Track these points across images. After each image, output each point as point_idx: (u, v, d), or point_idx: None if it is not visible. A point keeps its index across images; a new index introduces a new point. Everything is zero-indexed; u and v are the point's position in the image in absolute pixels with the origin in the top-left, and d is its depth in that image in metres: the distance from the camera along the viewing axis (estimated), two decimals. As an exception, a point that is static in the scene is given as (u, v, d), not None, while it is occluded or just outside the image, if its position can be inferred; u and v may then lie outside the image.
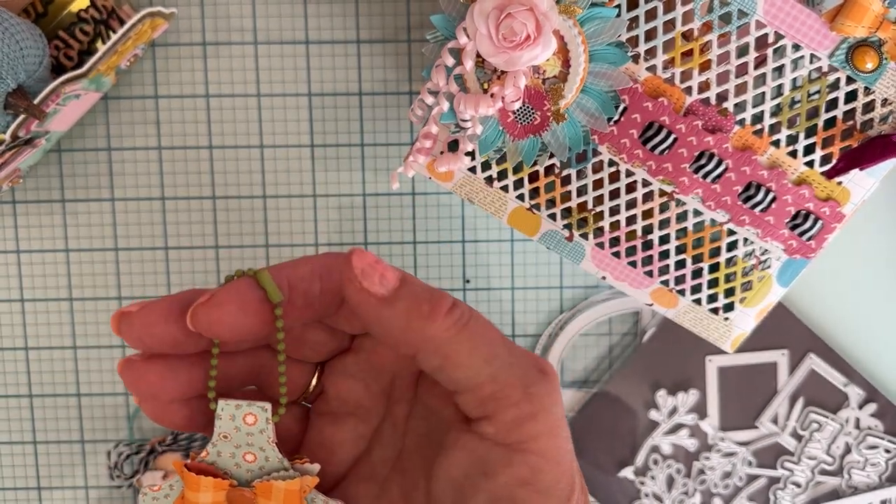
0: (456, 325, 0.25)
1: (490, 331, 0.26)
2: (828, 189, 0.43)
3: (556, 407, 0.26)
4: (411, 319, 0.25)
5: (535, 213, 0.45)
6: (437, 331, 0.25)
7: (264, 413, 0.26)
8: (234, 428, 0.27)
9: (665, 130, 0.42)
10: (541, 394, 0.25)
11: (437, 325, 0.25)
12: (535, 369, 0.25)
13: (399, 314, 0.25)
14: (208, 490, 0.27)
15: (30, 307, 0.54)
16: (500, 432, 0.25)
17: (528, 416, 0.25)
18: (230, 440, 0.27)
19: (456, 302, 0.25)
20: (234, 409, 0.26)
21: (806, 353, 0.54)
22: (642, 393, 0.54)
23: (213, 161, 0.53)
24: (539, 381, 0.25)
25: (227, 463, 0.27)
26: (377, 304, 0.25)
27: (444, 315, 0.25)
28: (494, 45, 0.39)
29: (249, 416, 0.27)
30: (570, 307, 0.55)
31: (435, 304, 0.25)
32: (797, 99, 0.42)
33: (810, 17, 0.40)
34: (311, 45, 0.52)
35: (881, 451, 0.55)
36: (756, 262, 0.45)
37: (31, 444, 0.56)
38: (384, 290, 0.25)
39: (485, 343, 0.25)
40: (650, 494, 0.55)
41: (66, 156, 0.53)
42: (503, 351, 0.25)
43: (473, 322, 0.25)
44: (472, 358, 0.25)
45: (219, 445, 0.27)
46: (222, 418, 0.27)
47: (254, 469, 0.27)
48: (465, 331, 0.25)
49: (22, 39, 0.44)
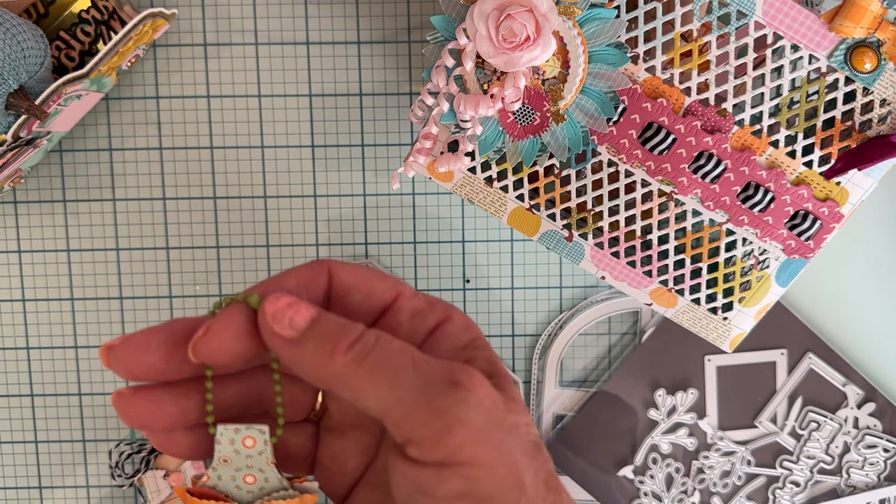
0: (356, 359, 0.26)
1: (394, 356, 0.26)
2: (826, 189, 0.43)
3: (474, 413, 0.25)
4: (317, 358, 0.26)
5: (534, 214, 0.45)
6: (339, 367, 0.26)
7: (262, 435, 0.27)
8: (233, 451, 0.27)
9: (664, 131, 0.42)
10: (448, 406, 0.25)
11: (338, 362, 0.26)
12: (443, 382, 0.25)
13: (307, 354, 0.26)
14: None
15: (31, 307, 0.54)
16: (424, 453, 0.25)
17: (442, 431, 0.25)
18: (230, 464, 0.28)
19: (361, 335, 0.26)
20: (232, 434, 0.27)
21: (805, 352, 0.54)
22: (641, 392, 0.54)
23: (214, 161, 0.53)
24: (446, 393, 0.25)
25: (227, 486, 0.28)
26: (287, 346, 0.26)
27: (343, 351, 0.26)
28: (494, 46, 0.39)
29: (248, 438, 0.27)
30: (570, 307, 0.55)
31: (337, 341, 0.26)
32: (796, 99, 0.42)
33: (809, 18, 0.40)
34: (311, 46, 0.52)
35: (880, 451, 0.55)
36: (755, 262, 0.45)
37: (33, 443, 0.56)
38: (293, 332, 0.26)
39: (387, 370, 0.26)
40: (649, 493, 0.55)
41: (67, 156, 0.53)
42: (408, 373, 0.26)
43: (376, 351, 0.26)
44: (376, 387, 0.25)
45: (219, 469, 0.28)
46: (221, 442, 0.27)
47: (254, 490, 0.28)
48: (366, 362, 0.26)
49: (23, 40, 0.44)
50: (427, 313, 0.29)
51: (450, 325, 0.29)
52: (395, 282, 0.29)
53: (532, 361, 0.55)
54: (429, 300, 0.29)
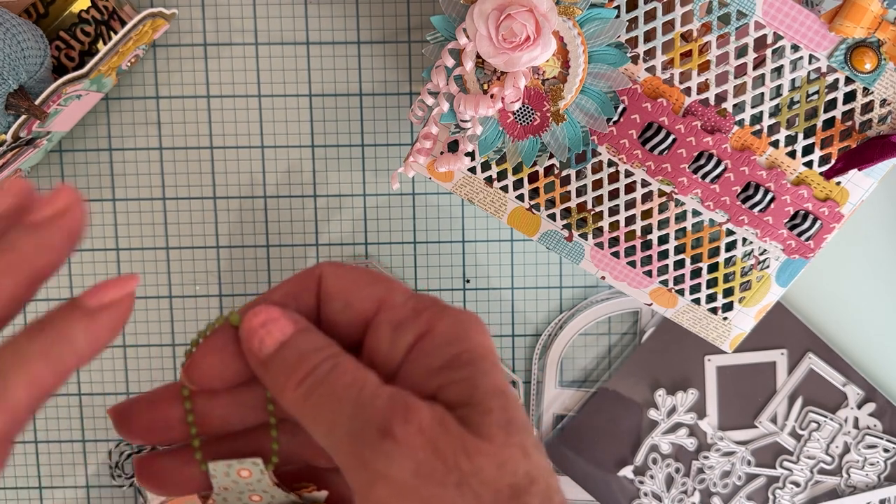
0: (304, 395, 0.25)
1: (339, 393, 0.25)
2: (826, 189, 0.43)
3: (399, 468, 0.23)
4: (275, 387, 0.25)
5: (534, 214, 0.45)
6: (288, 401, 0.25)
7: (257, 466, 0.26)
8: (231, 482, 0.27)
9: (664, 131, 0.42)
10: (372, 459, 0.23)
11: (288, 396, 0.25)
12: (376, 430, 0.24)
13: (270, 379, 0.25)
14: None
15: (31, 307, 0.54)
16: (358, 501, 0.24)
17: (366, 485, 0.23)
18: (231, 491, 0.27)
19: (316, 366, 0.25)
20: (225, 468, 0.27)
21: (805, 352, 0.54)
22: (641, 392, 0.54)
23: (214, 161, 0.53)
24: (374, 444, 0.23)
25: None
26: (256, 366, 0.26)
27: (294, 386, 0.25)
28: (494, 46, 0.39)
29: (243, 471, 0.27)
30: (570, 307, 0.55)
31: (291, 372, 0.25)
32: (796, 99, 0.42)
33: (809, 18, 0.40)
34: (311, 46, 0.52)
35: (880, 451, 0.55)
36: (755, 262, 0.45)
37: (33, 443, 0.56)
38: (260, 354, 0.25)
39: (328, 410, 0.24)
40: (649, 493, 0.55)
41: (67, 156, 0.53)
42: (345, 417, 0.24)
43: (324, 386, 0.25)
44: (318, 427, 0.25)
45: (223, 494, 0.27)
46: (217, 476, 0.27)
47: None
48: (312, 398, 0.25)
49: (23, 40, 0.44)
50: (407, 326, 0.26)
51: (428, 341, 0.26)
52: (385, 288, 0.27)
53: (532, 361, 0.55)
54: (416, 307, 0.26)
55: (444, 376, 0.25)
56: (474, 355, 0.25)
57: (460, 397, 0.24)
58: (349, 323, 0.27)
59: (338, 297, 0.27)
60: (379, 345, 0.26)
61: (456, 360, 0.25)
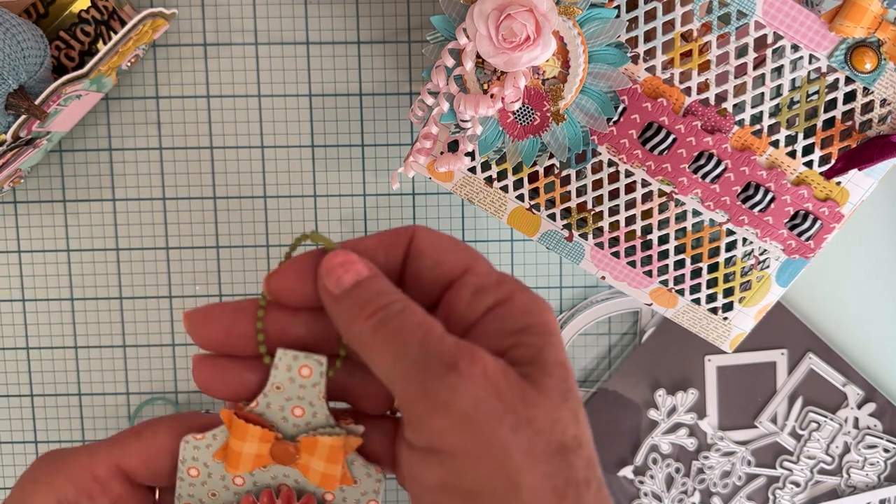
0: (375, 326, 0.26)
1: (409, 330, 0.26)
2: (827, 189, 0.43)
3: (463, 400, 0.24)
4: (346, 319, 0.27)
5: (534, 214, 0.45)
6: (358, 330, 0.26)
7: (320, 366, 0.27)
8: (288, 379, 0.27)
9: (664, 131, 0.42)
10: (437, 388, 0.24)
11: (359, 326, 0.26)
12: (442, 364, 0.25)
13: (341, 312, 0.27)
14: (254, 440, 0.27)
15: (31, 307, 0.54)
16: (412, 434, 0.25)
17: (426, 413, 0.24)
18: (282, 391, 0.28)
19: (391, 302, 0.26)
20: (291, 360, 0.27)
21: (805, 352, 0.54)
22: (641, 392, 0.54)
23: (214, 161, 0.53)
24: (440, 375, 0.24)
25: (274, 416, 0.28)
26: (329, 300, 0.27)
27: (366, 317, 0.26)
28: (494, 46, 0.39)
29: (305, 367, 0.27)
30: (570, 307, 0.55)
31: (367, 304, 0.26)
32: (796, 99, 0.42)
33: (809, 18, 0.40)
34: (311, 46, 0.52)
35: (880, 451, 0.55)
36: (755, 262, 0.45)
37: (33, 443, 0.56)
38: (337, 289, 0.27)
39: (397, 342, 0.25)
40: (649, 493, 0.55)
41: (67, 156, 0.53)
42: (413, 349, 0.25)
43: (394, 321, 0.26)
44: (384, 357, 0.26)
45: (269, 396, 0.28)
46: (279, 367, 0.27)
47: (300, 424, 0.28)
48: (381, 331, 0.26)
49: (23, 40, 0.44)
50: (490, 291, 0.27)
51: (507, 307, 0.27)
52: (472, 256, 0.28)
53: (532, 361, 0.55)
54: (500, 279, 0.28)
55: (515, 339, 0.26)
56: (546, 329, 0.27)
57: (526, 358, 0.26)
58: (433, 280, 0.28)
59: (429, 255, 0.28)
60: (459, 303, 0.27)
61: (529, 329, 0.27)
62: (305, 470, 0.28)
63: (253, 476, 0.28)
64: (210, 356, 0.29)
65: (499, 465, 0.24)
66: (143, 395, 0.55)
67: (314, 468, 0.28)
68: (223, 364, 0.29)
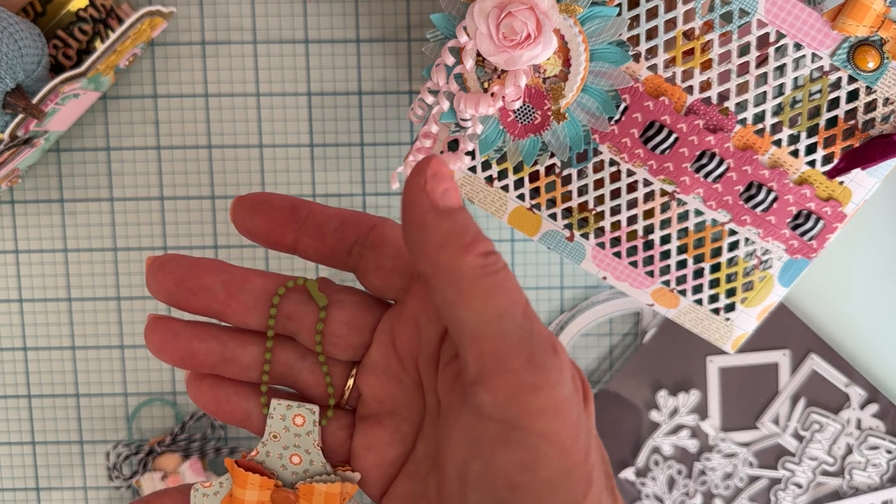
0: (484, 268, 0.24)
1: (515, 290, 0.24)
2: (829, 189, 0.43)
3: (564, 386, 0.23)
4: (449, 240, 0.24)
5: (535, 213, 0.45)
6: (465, 263, 0.24)
7: (312, 415, 0.28)
8: (283, 428, 0.29)
9: (666, 130, 0.42)
10: (547, 365, 0.23)
11: (468, 259, 0.24)
12: (548, 342, 0.24)
13: (442, 230, 0.24)
14: (255, 487, 0.28)
15: (28, 307, 0.54)
16: (496, 402, 0.23)
17: (528, 388, 0.23)
18: (279, 440, 0.29)
19: (495, 251, 0.24)
20: (284, 409, 0.28)
21: (807, 353, 0.54)
22: (643, 393, 0.54)
23: (213, 161, 0.53)
24: (548, 353, 0.23)
25: (274, 464, 0.29)
26: (429, 210, 0.24)
27: (478, 253, 0.24)
28: (495, 44, 0.39)
29: (298, 416, 0.28)
30: (571, 307, 0.55)
31: (476, 239, 0.24)
32: (798, 98, 0.41)
33: (812, 16, 0.40)
34: (310, 45, 0.52)
35: (882, 452, 0.55)
36: (757, 262, 0.44)
37: (30, 444, 0.56)
38: (442, 202, 0.24)
39: (505, 297, 0.24)
40: (651, 495, 0.55)
41: (64, 155, 0.53)
42: (520, 312, 0.24)
43: (502, 274, 0.24)
44: (487, 305, 0.23)
45: (268, 445, 0.29)
46: (273, 417, 0.28)
47: (298, 472, 0.29)
48: (491, 277, 0.24)
49: (21, 39, 0.44)
50: None
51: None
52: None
53: (532, 362, 0.55)
54: None
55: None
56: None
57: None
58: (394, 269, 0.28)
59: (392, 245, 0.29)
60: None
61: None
62: None
63: None
64: (210, 377, 0.29)
65: (583, 459, 0.23)
66: (142, 395, 0.55)
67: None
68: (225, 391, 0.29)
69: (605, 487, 0.24)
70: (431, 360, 0.28)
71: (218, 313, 0.29)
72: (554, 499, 0.23)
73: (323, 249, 0.28)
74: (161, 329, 0.29)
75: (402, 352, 0.28)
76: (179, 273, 0.28)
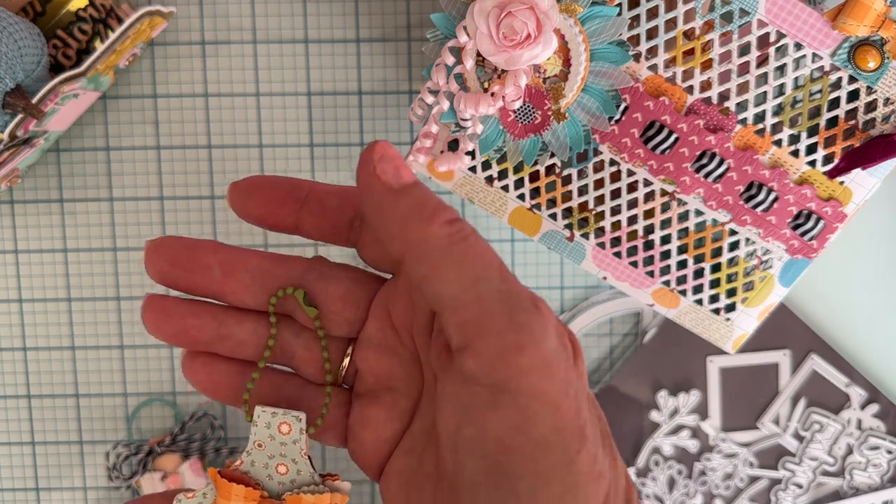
0: (451, 237, 0.24)
1: (488, 254, 0.24)
2: (830, 189, 0.43)
3: (549, 342, 0.23)
4: (410, 217, 0.24)
5: (535, 213, 0.45)
6: (431, 236, 0.24)
7: (298, 423, 0.27)
8: (268, 436, 0.27)
9: (666, 130, 0.42)
10: (530, 323, 0.23)
11: (433, 230, 0.24)
12: (528, 300, 0.23)
13: (400, 208, 0.24)
14: (239, 499, 0.27)
15: (28, 307, 0.54)
16: (482, 366, 0.23)
17: (512, 348, 0.23)
18: (264, 449, 0.27)
19: (459, 218, 0.24)
20: (269, 417, 0.27)
21: (808, 353, 0.54)
22: (643, 393, 0.54)
23: (212, 161, 0.53)
24: (529, 311, 0.23)
25: (259, 473, 0.28)
26: (383, 192, 0.25)
27: (442, 223, 0.24)
28: (495, 44, 0.39)
29: (284, 424, 0.27)
30: (571, 307, 0.54)
31: (437, 210, 0.24)
32: (799, 98, 0.41)
33: (812, 16, 0.40)
34: (310, 45, 0.52)
35: (883, 452, 0.55)
36: (758, 262, 0.44)
37: (30, 444, 0.56)
38: (395, 182, 0.24)
39: (478, 263, 0.24)
40: (651, 496, 0.55)
41: (64, 155, 0.53)
42: (496, 276, 0.23)
43: (472, 239, 0.24)
44: (460, 274, 0.23)
45: (253, 454, 0.28)
46: (258, 425, 0.27)
47: (285, 482, 0.28)
48: (460, 245, 0.24)
49: (20, 38, 0.44)
50: None
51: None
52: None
53: (533, 362, 0.55)
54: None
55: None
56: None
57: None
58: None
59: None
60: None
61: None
62: None
63: None
64: (204, 356, 0.29)
65: (574, 415, 0.23)
66: (141, 395, 0.55)
67: None
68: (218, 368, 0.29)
69: (600, 445, 0.24)
70: (426, 332, 0.28)
71: (216, 293, 0.28)
72: (547, 457, 0.23)
73: (325, 226, 0.28)
74: (157, 306, 0.29)
75: (399, 325, 0.28)
76: (175, 253, 0.28)
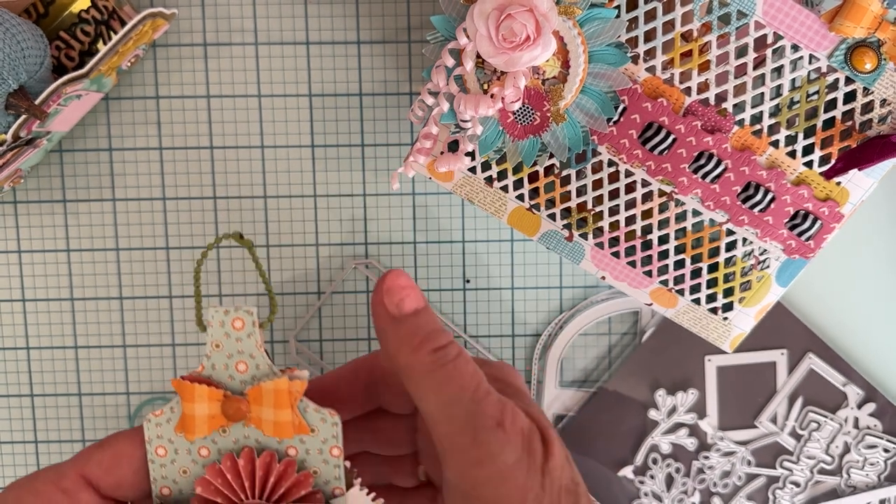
0: (434, 363, 0.28)
1: (465, 377, 0.28)
2: (827, 189, 0.43)
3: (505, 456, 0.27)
4: (402, 344, 0.28)
5: (534, 213, 0.45)
6: (416, 362, 0.28)
7: (250, 317, 0.28)
8: (224, 334, 0.28)
9: (664, 131, 0.42)
10: (488, 441, 0.27)
11: (418, 358, 0.28)
12: (492, 419, 0.27)
13: (397, 335, 0.28)
14: (203, 400, 0.28)
15: (31, 307, 0.54)
16: (454, 476, 0.27)
17: (473, 462, 0.27)
18: (222, 349, 0.28)
19: (448, 344, 0.28)
20: (223, 316, 0.28)
21: (805, 352, 0.54)
22: (641, 392, 0.54)
23: (214, 161, 0.53)
24: (491, 429, 0.27)
25: (221, 375, 0.29)
26: (386, 320, 0.29)
27: (427, 352, 0.28)
28: (494, 46, 0.39)
29: (237, 320, 0.28)
30: (570, 307, 0.55)
31: (426, 339, 0.28)
32: (796, 99, 0.42)
33: (809, 18, 0.40)
34: (311, 46, 0.52)
35: (880, 451, 0.55)
36: (755, 262, 0.45)
37: (33, 443, 0.56)
38: (396, 311, 0.28)
39: (453, 386, 0.27)
40: (649, 494, 0.55)
41: (67, 156, 0.53)
42: (468, 397, 0.27)
43: (452, 365, 0.28)
44: (438, 396, 0.27)
45: (213, 357, 0.28)
46: (213, 325, 0.28)
47: (247, 379, 0.29)
48: (440, 371, 0.28)
49: (23, 40, 0.44)
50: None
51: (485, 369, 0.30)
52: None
53: (532, 361, 0.55)
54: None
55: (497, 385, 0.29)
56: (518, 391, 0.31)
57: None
58: None
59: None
60: None
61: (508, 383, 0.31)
62: (259, 423, 0.28)
63: (216, 444, 0.29)
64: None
65: None
66: (143, 395, 0.55)
67: (266, 419, 0.28)
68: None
69: None
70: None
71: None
72: None
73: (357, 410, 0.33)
74: None
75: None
76: None
